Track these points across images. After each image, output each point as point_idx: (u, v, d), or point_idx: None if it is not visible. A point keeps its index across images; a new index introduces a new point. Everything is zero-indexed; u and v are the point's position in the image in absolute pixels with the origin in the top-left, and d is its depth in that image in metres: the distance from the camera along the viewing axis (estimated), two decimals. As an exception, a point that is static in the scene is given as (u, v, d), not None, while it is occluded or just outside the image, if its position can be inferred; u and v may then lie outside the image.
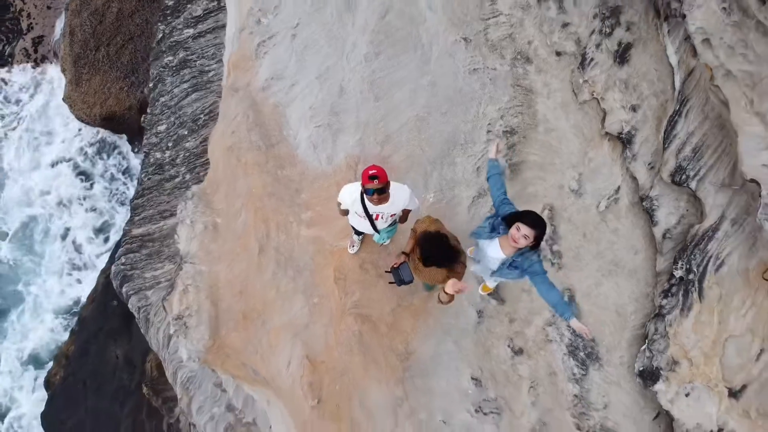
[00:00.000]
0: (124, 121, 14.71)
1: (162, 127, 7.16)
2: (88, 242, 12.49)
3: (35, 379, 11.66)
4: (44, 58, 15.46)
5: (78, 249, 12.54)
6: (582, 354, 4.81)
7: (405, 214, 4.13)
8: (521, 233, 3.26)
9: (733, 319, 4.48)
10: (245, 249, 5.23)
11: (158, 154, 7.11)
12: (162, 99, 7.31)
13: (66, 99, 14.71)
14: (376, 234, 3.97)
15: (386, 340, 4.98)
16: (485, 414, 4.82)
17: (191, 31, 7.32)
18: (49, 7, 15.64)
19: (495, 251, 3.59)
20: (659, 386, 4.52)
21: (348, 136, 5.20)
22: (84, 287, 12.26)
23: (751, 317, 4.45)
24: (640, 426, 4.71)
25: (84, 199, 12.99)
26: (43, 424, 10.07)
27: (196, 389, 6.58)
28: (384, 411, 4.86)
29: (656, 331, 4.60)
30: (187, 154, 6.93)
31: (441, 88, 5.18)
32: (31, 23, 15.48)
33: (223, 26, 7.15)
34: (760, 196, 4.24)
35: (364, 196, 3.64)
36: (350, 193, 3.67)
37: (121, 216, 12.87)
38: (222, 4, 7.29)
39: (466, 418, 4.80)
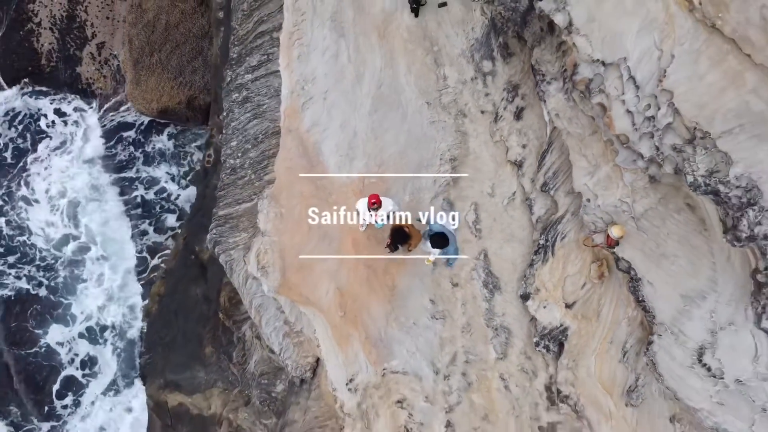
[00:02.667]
0: (175, 113, 17.71)
1: (233, 143, 10.32)
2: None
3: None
4: (107, 60, 18.28)
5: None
6: (491, 286, 8.20)
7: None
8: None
9: (570, 266, 7.83)
10: (299, 228, 8.56)
11: (231, 161, 10.31)
12: (232, 124, 10.42)
13: (128, 96, 17.67)
14: (376, 224, 7.31)
15: (381, 279, 8.38)
16: (437, 319, 8.27)
17: (250, 76, 10.34)
18: (107, 18, 18.34)
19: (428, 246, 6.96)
20: (529, 303, 7.94)
21: (359, 161, 8.42)
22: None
23: (579, 265, 7.80)
24: (521, 324, 8.14)
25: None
26: (146, 341, 13.72)
27: (264, 311, 10.03)
28: (380, 318, 8.33)
29: (530, 273, 7.98)
30: (251, 161, 10.11)
31: (413, 133, 8.35)
32: (94, 31, 18.26)
33: (273, 73, 10.11)
34: (581, 201, 7.51)
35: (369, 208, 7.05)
36: (363, 204, 7.05)
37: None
38: (271, 57, 10.26)
39: (426, 321, 8.29)
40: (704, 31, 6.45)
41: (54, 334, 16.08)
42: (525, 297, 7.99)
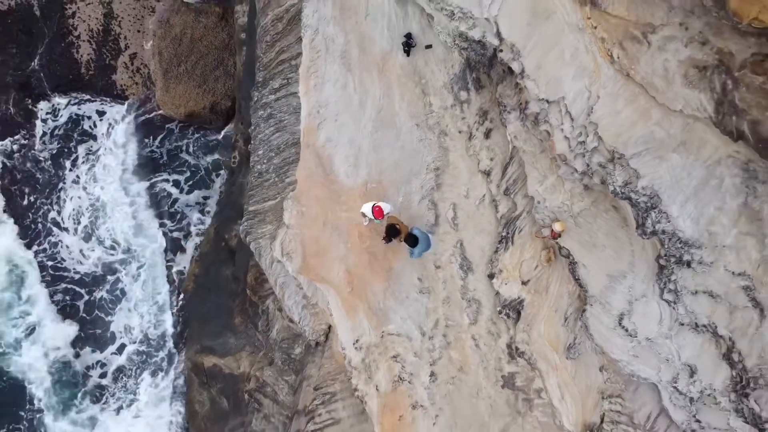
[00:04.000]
0: (200, 116, 19.57)
1: (260, 152, 12.26)
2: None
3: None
4: (138, 69, 20.04)
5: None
6: (465, 267, 10.21)
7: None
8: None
9: (525, 252, 9.81)
10: (316, 222, 10.57)
11: (259, 167, 12.25)
12: (259, 136, 12.32)
13: (159, 102, 19.50)
14: (377, 221, 9.31)
15: (380, 263, 10.40)
16: (423, 293, 10.30)
17: (273, 96, 12.20)
18: (139, 31, 20.06)
19: None
20: (494, 281, 9.96)
21: (362, 170, 10.38)
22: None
23: (532, 252, 9.77)
24: (489, 297, 10.17)
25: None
26: (184, 314, 15.83)
27: (286, 288, 12.06)
28: (380, 292, 10.36)
29: (495, 258, 10.00)
30: (275, 167, 12.05)
31: (406, 148, 10.28)
32: (127, 43, 19.99)
33: (292, 94, 11.91)
34: (534, 203, 9.50)
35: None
36: (367, 208, 9.04)
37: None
38: (290, 81, 12.09)
39: (415, 295, 10.31)
40: (621, 78, 8.32)
41: (89, 357, 17.96)
42: (491, 276, 10.00)
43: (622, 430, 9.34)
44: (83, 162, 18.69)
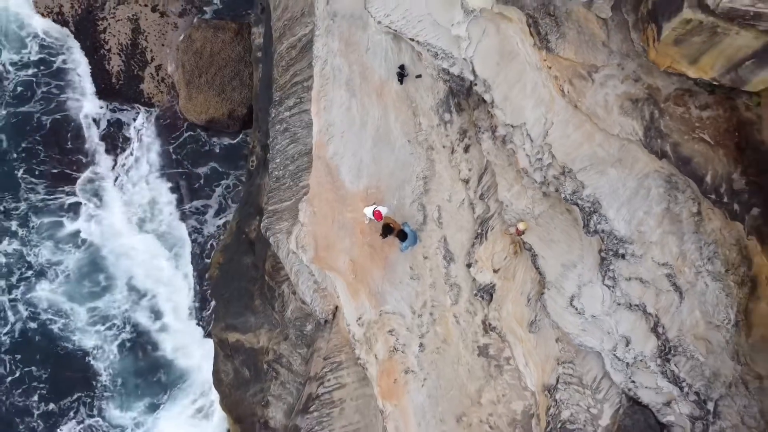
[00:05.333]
0: (220, 122, 21.32)
1: (278, 160, 14.10)
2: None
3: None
4: (163, 79, 21.75)
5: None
6: (448, 258, 11.99)
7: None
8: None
9: (497, 247, 11.68)
10: (326, 220, 12.46)
11: (276, 172, 14.08)
12: (276, 147, 14.14)
13: (182, 109, 21.25)
14: (377, 222, 11.20)
15: (379, 254, 12.30)
16: (414, 279, 12.17)
17: (288, 113, 14.00)
18: (163, 44, 21.74)
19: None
20: (472, 269, 11.82)
21: (364, 178, 12.22)
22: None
23: (502, 246, 11.63)
24: (467, 282, 12.04)
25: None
26: (213, 296, 17.77)
27: (300, 275, 13.94)
28: (378, 278, 12.28)
29: (472, 250, 11.86)
30: (290, 173, 13.86)
31: (400, 160, 12.08)
32: (152, 56, 21.71)
33: (304, 111, 13.69)
34: (503, 206, 11.36)
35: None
36: (369, 211, 10.93)
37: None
38: (303, 100, 13.88)
39: (407, 280, 12.28)
40: (571, 108, 10.10)
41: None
42: (469, 265, 11.77)
43: (574, 390, 11.10)
44: (121, 167, 20.60)
